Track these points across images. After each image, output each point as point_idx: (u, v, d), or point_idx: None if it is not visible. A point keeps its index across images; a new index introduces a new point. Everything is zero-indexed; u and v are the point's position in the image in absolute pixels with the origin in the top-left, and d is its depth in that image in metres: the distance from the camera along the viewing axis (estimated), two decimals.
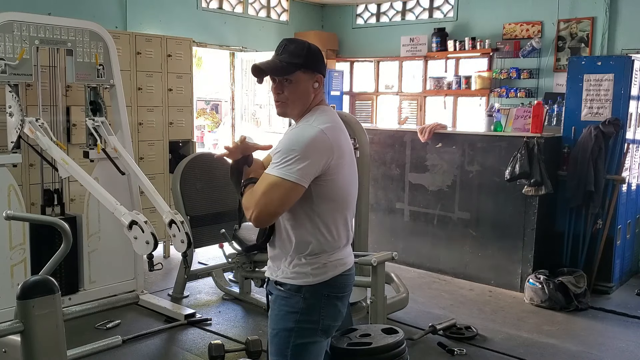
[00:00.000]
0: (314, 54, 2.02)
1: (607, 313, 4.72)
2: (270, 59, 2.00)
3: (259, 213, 1.91)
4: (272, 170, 1.92)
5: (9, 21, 3.89)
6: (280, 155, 1.92)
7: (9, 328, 1.82)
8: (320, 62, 2.05)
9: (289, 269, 2.03)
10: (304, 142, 1.91)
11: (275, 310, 2.07)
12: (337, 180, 1.99)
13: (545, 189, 4.88)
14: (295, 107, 2.03)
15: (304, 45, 2.01)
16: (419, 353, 3.87)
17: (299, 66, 1.97)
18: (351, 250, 2.17)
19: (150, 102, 5.69)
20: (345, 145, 2.04)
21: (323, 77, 2.06)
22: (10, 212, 2.39)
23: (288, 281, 2.03)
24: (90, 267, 4.47)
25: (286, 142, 1.95)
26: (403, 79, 8.65)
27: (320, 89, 2.05)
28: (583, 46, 6.86)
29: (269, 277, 2.12)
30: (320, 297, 2.02)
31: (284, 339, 2.04)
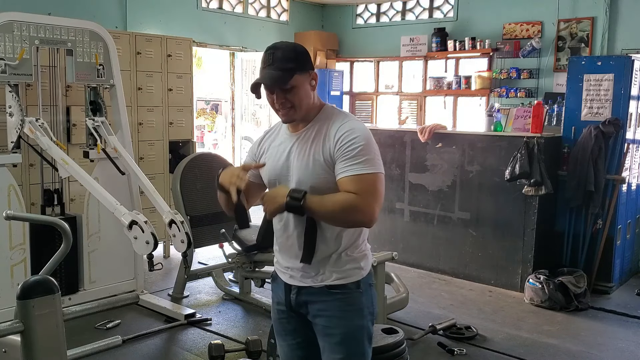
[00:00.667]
0: (301, 53, 2.00)
1: (607, 313, 4.72)
2: (264, 72, 1.96)
3: (377, 212, 1.90)
4: (365, 167, 1.88)
5: (9, 21, 3.89)
6: (362, 151, 1.89)
7: (9, 328, 1.82)
8: (309, 58, 2.03)
9: (341, 267, 2.00)
10: (369, 135, 1.94)
11: (337, 314, 2.00)
12: None
13: (545, 189, 4.88)
14: (302, 111, 1.98)
15: (290, 48, 1.99)
16: (419, 353, 3.86)
17: (294, 70, 1.93)
18: None
19: (150, 102, 5.69)
20: None
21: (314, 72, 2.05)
22: (10, 212, 2.39)
23: (344, 281, 1.99)
24: (90, 267, 4.48)
25: (357, 137, 1.91)
26: (403, 79, 8.66)
27: (316, 84, 2.04)
28: (583, 46, 6.86)
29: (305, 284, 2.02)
30: (370, 287, 2.05)
31: (360, 338, 2.01)
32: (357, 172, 1.88)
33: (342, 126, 1.94)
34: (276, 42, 2.04)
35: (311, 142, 1.97)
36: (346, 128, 1.93)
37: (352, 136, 1.91)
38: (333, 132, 1.94)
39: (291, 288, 2.05)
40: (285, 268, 2.08)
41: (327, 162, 1.93)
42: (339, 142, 1.91)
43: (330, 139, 1.93)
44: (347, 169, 1.89)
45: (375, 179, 1.90)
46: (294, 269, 2.04)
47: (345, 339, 2.00)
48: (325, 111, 2.03)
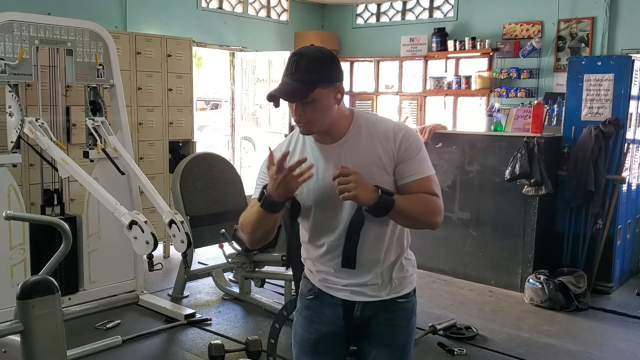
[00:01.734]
0: (329, 63, 1.79)
1: (607, 313, 4.72)
2: (284, 81, 1.77)
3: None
4: (429, 168, 1.89)
5: (9, 21, 3.89)
6: (424, 153, 1.89)
7: (8, 328, 1.82)
8: (337, 68, 1.82)
9: (405, 274, 1.95)
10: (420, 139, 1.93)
11: (403, 323, 1.97)
12: None
13: (545, 189, 4.88)
14: (322, 125, 1.82)
15: (316, 57, 1.77)
16: (419, 353, 3.86)
17: (316, 83, 1.74)
18: None
19: (150, 102, 5.69)
20: None
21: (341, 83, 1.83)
22: (10, 212, 2.38)
23: (410, 289, 1.97)
24: (90, 267, 4.47)
25: (416, 139, 1.88)
26: (403, 78, 8.65)
27: (342, 97, 1.85)
28: (583, 46, 6.86)
29: (373, 298, 1.91)
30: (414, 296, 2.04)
31: (412, 343, 2.03)
32: (429, 173, 1.88)
33: (395, 128, 1.86)
34: (304, 47, 1.84)
35: (363, 149, 1.83)
36: (402, 130, 1.86)
37: (412, 138, 1.86)
38: (390, 135, 1.83)
39: (354, 305, 1.93)
40: (342, 286, 1.93)
41: (388, 165, 1.83)
42: (403, 144, 1.83)
43: (389, 142, 1.83)
44: (417, 170, 1.85)
45: (437, 180, 1.94)
46: (358, 284, 1.90)
47: (406, 346, 1.99)
48: (360, 116, 1.89)
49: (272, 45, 8.46)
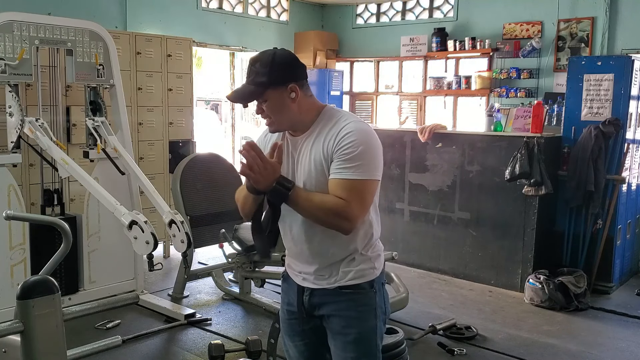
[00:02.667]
0: (278, 66, 1.89)
1: (607, 313, 4.72)
2: (241, 86, 1.96)
3: (360, 221, 1.94)
4: (357, 173, 1.86)
5: (9, 21, 3.89)
6: (358, 155, 1.87)
7: (9, 328, 1.82)
8: (289, 70, 1.92)
9: (355, 267, 1.99)
10: (369, 137, 1.93)
11: (352, 314, 1.99)
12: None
13: (545, 189, 4.88)
14: (282, 123, 1.96)
15: (268, 60, 1.89)
16: (419, 353, 3.86)
17: (266, 85, 1.87)
18: None
19: (150, 102, 5.69)
20: None
21: (299, 83, 1.93)
22: (10, 212, 2.39)
23: (358, 281, 1.99)
24: (90, 267, 4.48)
25: (355, 140, 1.87)
26: (403, 79, 8.65)
27: (301, 96, 1.93)
28: (583, 46, 6.86)
29: (319, 286, 2.01)
30: (382, 286, 2.06)
31: (372, 338, 2.02)
32: (348, 176, 1.86)
33: (345, 127, 1.90)
34: (263, 51, 1.94)
35: (312, 146, 1.94)
36: (347, 129, 1.89)
37: (351, 138, 1.87)
38: (335, 132, 1.90)
39: (304, 290, 2.05)
40: (297, 272, 2.08)
41: (326, 162, 1.90)
42: (339, 143, 1.88)
43: (331, 139, 1.90)
44: (340, 171, 1.87)
45: (365, 187, 1.89)
46: (307, 272, 2.04)
47: (359, 339, 2.00)
48: (325, 113, 1.98)
49: (272, 45, 8.40)
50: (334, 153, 1.88)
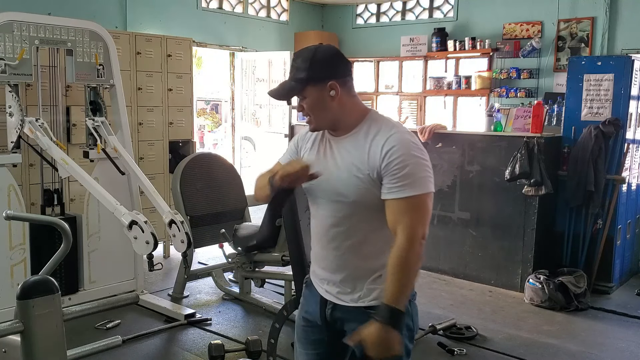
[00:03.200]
0: (319, 62, 1.82)
1: (607, 313, 4.72)
2: (283, 81, 1.90)
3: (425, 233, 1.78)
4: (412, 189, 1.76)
5: (9, 21, 3.89)
6: (410, 170, 1.77)
7: (9, 328, 1.82)
8: (329, 67, 1.85)
9: (381, 285, 1.82)
10: (416, 149, 1.82)
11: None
12: None
13: (545, 189, 4.88)
14: (322, 121, 1.89)
15: (308, 56, 1.83)
16: (419, 353, 3.86)
17: (305, 81, 1.82)
18: None
19: (150, 102, 5.69)
20: None
21: (340, 80, 1.85)
22: (10, 212, 2.39)
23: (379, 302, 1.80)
24: (90, 267, 4.48)
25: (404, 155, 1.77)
26: (403, 79, 8.65)
27: (342, 94, 1.85)
28: (583, 46, 6.86)
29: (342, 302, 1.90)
30: (410, 303, 1.89)
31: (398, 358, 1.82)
32: (409, 193, 1.76)
33: (390, 139, 1.79)
34: (307, 46, 1.89)
35: (354, 148, 1.84)
36: (393, 142, 1.78)
37: (399, 153, 1.77)
38: (380, 145, 1.78)
39: (327, 302, 1.95)
40: (320, 280, 1.98)
41: (371, 176, 1.79)
42: (387, 158, 1.77)
43: (377, 153, 1.78)
44: (393, 189, 1.76)
45: (421, 202, 1.78)
46: (329, 282, 1.93)
47: None
48: (371, 117, 1.89)
49: (272, 45, 8.46)
50: (383, 168, 1.77)
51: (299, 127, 6.95)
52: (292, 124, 7.37)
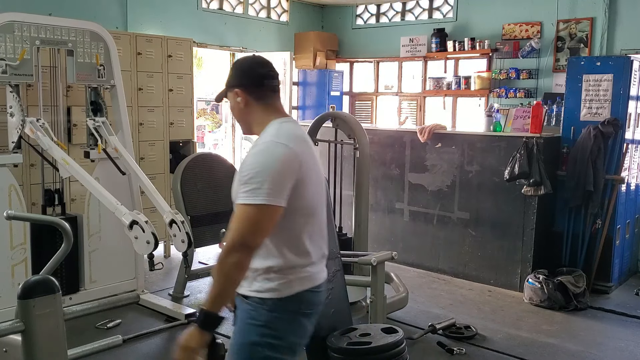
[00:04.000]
0: (234, 71, 2.09)
1: (606, 313, 4.73)
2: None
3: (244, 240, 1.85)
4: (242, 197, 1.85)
5: (9, 21, 3.90)
6: (251, 178, 1.83)
7: (9, 327, 1.83)
8: (238, 75, 2.06)
9: (257, 282, 1.94)
10: (269, 159, 1.85)
11: (240, 324, 2.01)
12: (302, 194, 1.91)
13: (544, 189, 4.89)
14: (242, 124, 2.12)
15: (232, 65, 2.14)
16: (419, 352, 3.88)
17: (226, 87, 2.09)
18: (324, 267, 2.08)
19: (151, 103, 5.70)
20: (308, 155, 1.97)
21: (249, 89, 2.01)
22: (11, 212, 2.40)
23: (253, 294, 1.95)
24: (91, 266, 4.49)
25: (252, 162, 1.86)
26: (403, 79, 8.66)
27: (250, 102, 2.01)
28: (582, 46, 6.86)
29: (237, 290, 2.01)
30: (284, 312, 1.94)
31: (247, 354, 1.97)
32: (239, 201, 1.87)
33: (252, 149, 1.94)
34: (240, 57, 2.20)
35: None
36: (251, 152, 1.91)
37: (249, 160, 1.88)
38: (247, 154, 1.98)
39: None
40: None
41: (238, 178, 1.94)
42: (241, 166, 1.94)
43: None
44: (238, 196, 1.89)
45: (247, 212, 1.83)
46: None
47: (235, 351, 2.00)
48: (266, 128, 1.99)
49: (273, 45, 8.46)
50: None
51: None
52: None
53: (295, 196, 1.88)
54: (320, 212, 2.05)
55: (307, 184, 1.92)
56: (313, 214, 1.99)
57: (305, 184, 1.91)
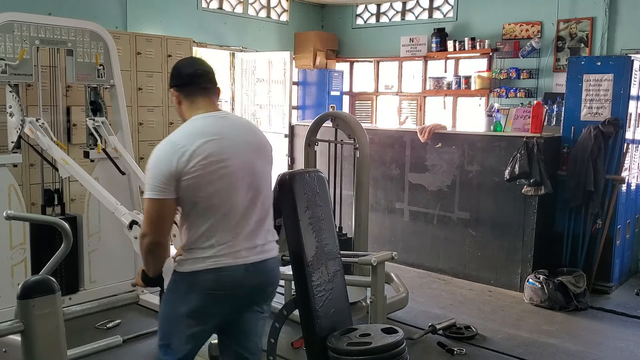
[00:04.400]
0: (170, 72, 2.39)
1: (607, 313, 4.73)
2: None
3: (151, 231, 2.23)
4: (146, 192, 2.18)
5: (9, 21, 3.89)
6: (147, 175, 2.19)
7: (9, 328, 1.83)
8: (172, 76, 2.37)
9: (178, 257, 2.35)
10: (156, 157, 2.19)
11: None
12: (197, 185, 2.13)
13: (544, 189, 4.89)
14: (182, 120, 2.37)
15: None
16: (419, 353, 3.87)
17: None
18: (239, 253, 2.23)
19: (151, 102, 5.70)
20: (212, 150, 2.15)
21: (179, 88, 2.33)
22: (10, 212, 2.39)
23: (175, 268, 2.34)
24: (91, 266, 4.48)
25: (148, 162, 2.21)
26: (403, 79, 8.65)
27: (179, 99, 2.35)
28: (582, 46, 6.86)
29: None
30: (182, 284, 2.27)
31: (162, 314, 2.39)
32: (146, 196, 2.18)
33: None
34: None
35: None
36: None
37: (150, 158, 2.21)
38: None
39: None
40: None
41: None
42: None
43: None
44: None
45: (148, 204, 2.16)
46: None
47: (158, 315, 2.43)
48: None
49: (272, 45, 8.46)
50: None
51: (298, 127, 6.96)
52: (292, 124, 7.38)
53: (191, 188, 2.12)
54: (219, 207, 2.18)
55: (203, 176, 2.12)
56: (218, 204, 2.17)
57: (199, 176, 2.12)
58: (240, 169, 2.20)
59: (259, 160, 2.28)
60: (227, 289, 2.23)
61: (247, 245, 2.24)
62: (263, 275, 2.30)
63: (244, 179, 2.22)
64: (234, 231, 2.21)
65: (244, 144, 2.24)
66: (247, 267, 2.23)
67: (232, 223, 2.21)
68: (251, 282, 2.26)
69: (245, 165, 2.22)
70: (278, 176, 3.13)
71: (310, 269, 2.84)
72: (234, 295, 2.25)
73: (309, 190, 2.99)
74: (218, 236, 2.20)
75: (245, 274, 2.23)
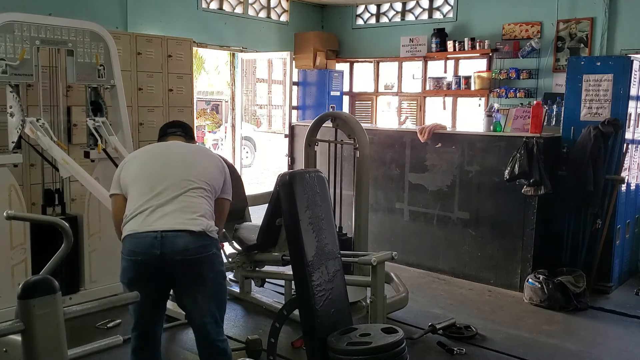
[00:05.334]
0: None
1: (607, 313, 4.73)
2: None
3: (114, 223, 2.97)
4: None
5: (9, 21, 3.90)
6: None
7: (9, 327, 1.83)
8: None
9: None
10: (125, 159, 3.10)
11: None
12: (124, 177, 2.89)
13: (544, 189, 4.89)
14: None
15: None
16: (419, 352, 3.88)
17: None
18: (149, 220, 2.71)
19: (151, 103, 5.70)
20: (145, 156, 2.98)
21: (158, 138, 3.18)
22: (11, 212, 2.40)
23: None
24: (91, 266, 4.49)
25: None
26: (403, 79, 8.66)
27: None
28: (582, 46, 6.87)
29: None
30: (123, 249, 2.78)
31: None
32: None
33: None
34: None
35: None
36: None
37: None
38: None
39: None
40: None
41: None
42: None
43: None
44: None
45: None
46: None
47: None
48: None
49: (273, 45, 8.47)
50: None
51: (299, 127, 6.97)
52: (292, 124, 7.39)
53: (124, 182, 2.89)
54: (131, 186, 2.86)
55: (128, 171, 2.91)
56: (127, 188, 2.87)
57: (126, 173, 2.90)
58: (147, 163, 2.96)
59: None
60: (137, 255, 2.74)
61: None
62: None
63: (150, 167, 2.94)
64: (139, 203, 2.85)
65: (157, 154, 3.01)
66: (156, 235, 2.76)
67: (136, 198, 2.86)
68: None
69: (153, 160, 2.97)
70: (278, 176, 3.14)
71: (310, 268, 2.85)
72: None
73: (309, 190, 3.00)
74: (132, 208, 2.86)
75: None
